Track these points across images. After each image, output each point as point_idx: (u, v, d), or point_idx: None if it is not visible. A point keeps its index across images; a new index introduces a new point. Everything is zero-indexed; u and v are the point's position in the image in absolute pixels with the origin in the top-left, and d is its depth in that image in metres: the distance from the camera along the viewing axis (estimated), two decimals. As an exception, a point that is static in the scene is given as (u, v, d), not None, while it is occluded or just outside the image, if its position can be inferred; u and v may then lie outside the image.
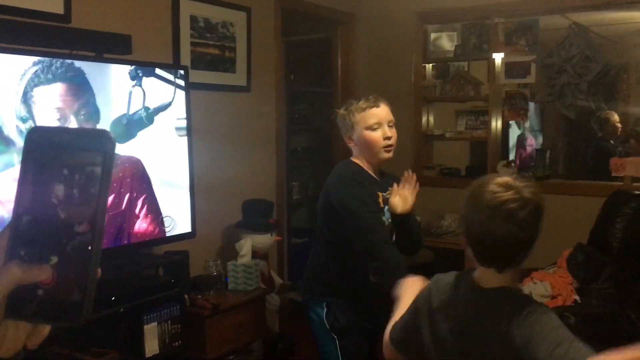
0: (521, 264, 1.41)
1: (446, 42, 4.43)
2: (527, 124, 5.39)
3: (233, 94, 3.60)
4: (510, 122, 4.74)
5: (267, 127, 3.94)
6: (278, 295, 3.49)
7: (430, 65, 4.60)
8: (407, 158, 4.42)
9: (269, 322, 3.41)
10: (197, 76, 3.23)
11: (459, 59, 4.51)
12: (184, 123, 2.84)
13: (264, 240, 3.38)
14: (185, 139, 2.86)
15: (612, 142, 4.59)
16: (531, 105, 4.82)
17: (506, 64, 4.18)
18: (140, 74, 2.61)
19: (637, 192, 3.46)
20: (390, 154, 2.18)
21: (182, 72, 2.83)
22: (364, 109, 2.13)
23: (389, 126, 2.16)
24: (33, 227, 0.57)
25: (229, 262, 3.16)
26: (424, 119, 4.54)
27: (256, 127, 3.83)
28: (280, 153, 4.09)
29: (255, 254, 3.30)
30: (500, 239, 1.34)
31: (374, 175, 2.21)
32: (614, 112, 4.69)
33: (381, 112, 2.15)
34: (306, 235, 5.58)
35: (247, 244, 3.21)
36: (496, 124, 4.27)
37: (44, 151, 0.58)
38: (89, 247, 0.57)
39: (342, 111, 2.19)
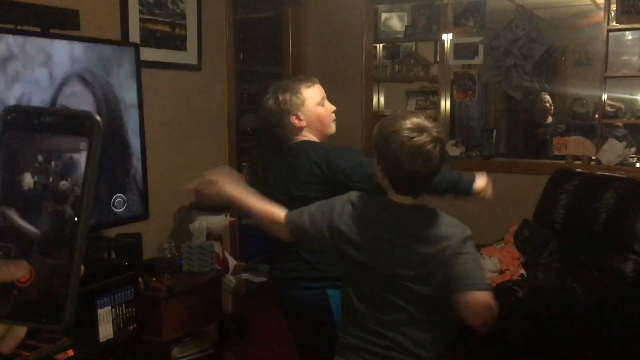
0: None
1: (396, 22, 4.46)
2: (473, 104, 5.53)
3: (184, 73, 3.52)
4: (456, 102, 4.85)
5: (218, 107, 3.88)
6: (233, 276, 3.47)
7: (381, 45, 4.62)
8: (359, 138, 4.46)
9: (223, 303, 3.40)
10: (147, 54, 3.14)
11: (409, 39, 4.55)
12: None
13: (218, 221, 3.35)
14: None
15: (547, 121, 4.77)
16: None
17: (455, 45, 4.25)
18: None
19: (579, 169, 3.61)
20: (334, 128, 2.22)
21: (132, 49, 2.74)
22: (309, 86, 2.14)
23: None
24: (5, 219, 0.52)
25: (183, 244, 3.12)
26: (374, 99, 4.57)
27: (208, 107, 3.77)
28: (232, 134, 4.04)
29: (209, 235, 3.27)
30: (419, 174, 1.57)
31: None
32: (545, 94, 4.86)
33: (321, 88, 2.19)
34: (256, 216, 5.57)
35: (201, 226, 3.17)
36: (445, 104, 4.35)
37: (20, 134, 0.53)
38: (72, 242, 0.52)
39: (283, 96, 2.11)
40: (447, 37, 4.24)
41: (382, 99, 4.65)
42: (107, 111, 2.60)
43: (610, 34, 3.89)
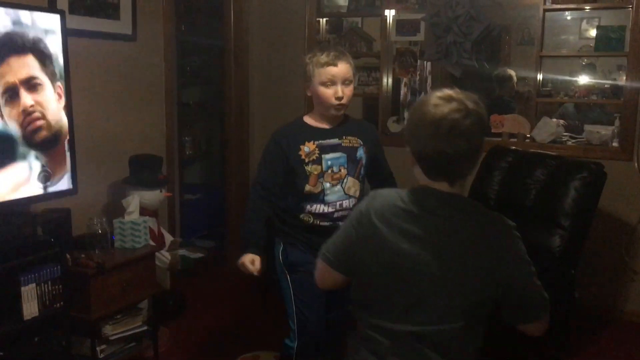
0: (468, 176, 1.45)
1: (340, -4, 4.42)
2: (417, 82, 5.55)
3: (116, 43, 3.40)
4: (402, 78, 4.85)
5: (155, 79, 3.77)
6: (169, 252, 3.42)
7: (324, 19, 4.58)
8: (302, 113, 4.41)
9: (160, 280, 3.35)
10: (76, 22, 3.02)
11: (352, 14, 4.52)
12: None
13: (153, 196, 3.28)
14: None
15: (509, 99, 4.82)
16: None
17: (397, 21, 4.24)
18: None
19: (514, 147, 3.68)
20: (338, 112, 2.26)
21: (58, 16, 2.62)
22: (322, 65, 2.19)
23: (345, 84, 2.22)
24: None
25: (115, 220, 3.04)
26: (317, 74, 4.52)
27: (143, 79, 3.66)
28: (170, 107, 3.95)
29: (144, 210, 3.20)
30: (448, 151, 1.35)
31: (321, 125, 2.29)
32: (512, 71, 4.91)
33: (338, 71, 2.19)
34: (199, 191, 5.49)
35: (134, 201, 3.10)
36: (387, 80, 4.35)
37: None
38: None
39: (306, 59, 2.25)
40: (389, 13, 4.23)
41: (325, 74, 4.60)
42: (30, 79, 2.49)
43: (547, 14, 3.96)
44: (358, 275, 1.55)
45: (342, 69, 2.19)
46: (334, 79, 2.17)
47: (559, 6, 3.88)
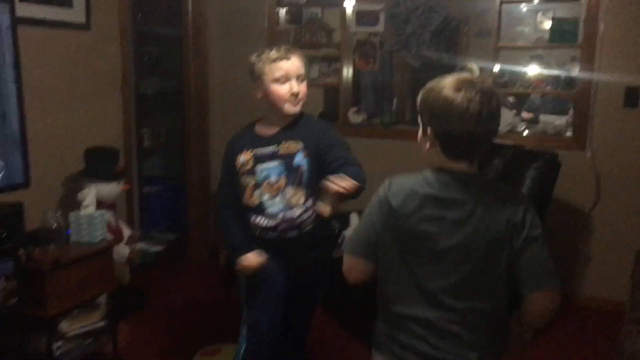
0: (485, 154, 1.52)
1: (299, -14, 4.39)
2: (377, 72, 5.57)
3: (69, 32, 3.30)
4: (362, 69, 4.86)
5: (111, 69, 3.69)
6: (127, 246, 3.36)
7: (284, 9, 4.54)
8: (259, 104, 4.38)
9: (118, 274, 3.29)
10: (25, 10, 2.92)
11: (311, 4, 4.50)
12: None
13: (110, 189, 3.22)
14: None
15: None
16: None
17: (357, 12, 4.25)
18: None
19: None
20: (295, 108, 2.13)
21: (6, 5, 2.54)
22: (273, 60, 2.07)
23: (299, 80, 2.11)
24: None
25: (71, 213, 2.97)
26: (277, 65, 4.49)
27: (98, 69, 3.57)
28: (127, 98, 3.87)
29: (101, 204, 3.14)
30: (476, 132, 1.43)
31: (267, 131, 2.17)
32: (474, 64, 4.96)
33: (291, 65, 2.09)
34: (159, 184, 5.40)
35: (90, 194, 3.03)
36: (347, 71, 4.36)
37: None
38: None
39: (252, 58, 2.12)
40: (349, 4, 4.22)
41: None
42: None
43: (504, 5, 4.02)
44: (382, 261, 1.58)
45: (294, 63, 2.09)
46: (288, 74, 2.07)
47: (515, -3, 3.94)
